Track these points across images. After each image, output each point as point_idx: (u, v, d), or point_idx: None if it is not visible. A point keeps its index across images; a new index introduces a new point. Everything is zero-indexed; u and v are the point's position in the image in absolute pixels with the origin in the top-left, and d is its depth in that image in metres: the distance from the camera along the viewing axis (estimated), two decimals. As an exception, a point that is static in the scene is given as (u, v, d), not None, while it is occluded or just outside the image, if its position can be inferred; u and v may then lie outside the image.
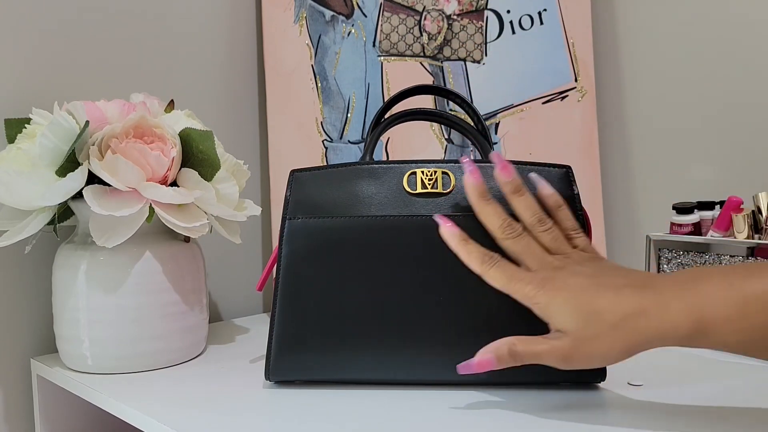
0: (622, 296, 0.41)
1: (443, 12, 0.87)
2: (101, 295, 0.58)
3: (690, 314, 0.39)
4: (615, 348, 0.41)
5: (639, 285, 0.42)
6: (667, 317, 0.40)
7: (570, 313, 0.42)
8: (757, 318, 0.38)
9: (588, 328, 0.41)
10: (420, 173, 0.53)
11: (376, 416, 0.47)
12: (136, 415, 0.50)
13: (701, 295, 0.39)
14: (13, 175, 0.55)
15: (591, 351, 0.42)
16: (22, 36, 0.66)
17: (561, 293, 0.42)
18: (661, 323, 0.40)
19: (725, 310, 0.38)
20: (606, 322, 0.41)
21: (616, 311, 0.41)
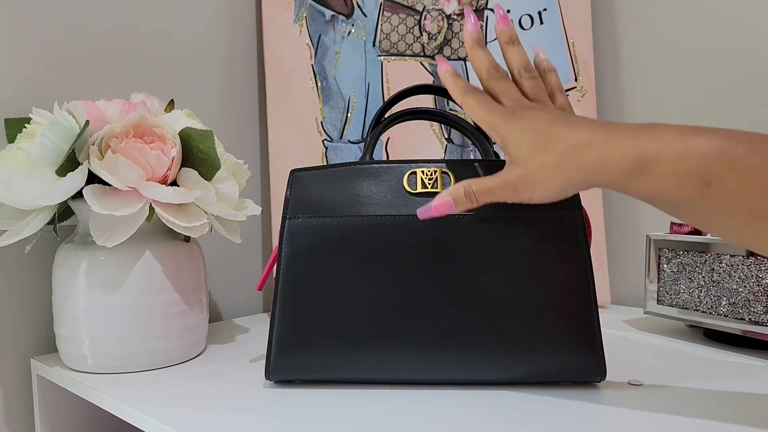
0: (576, 129, 0.42)
1: (443, 12, 0.87)
2: (101, 295, 0.58)
3: (635, 148, 0.40)
4: (557, 178, 0.43)
5: (597, 124, 0.43)
6: (613, 149, 0.41)
7: (524, 141, 0.44)
8: (694, 164, 0.38)
9: (537, 156, 0.43)
10: (420, 173, 0.53)
11: (376, 416, 0.47)
12: (135, 415, 0.50)
13: (651, 135, 0.40)
14: (13, 175, 0.55)
15: (536, 180, 0.43)
16: (22, 36, 0.66)
17: (521, 123, 0.44)
18: (606, 154, 0.41)
19: (669, 150, 0.39)
20: (555, 151, 0.42)
21: (567, 140, 0.42)
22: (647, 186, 0.40)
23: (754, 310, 0.60)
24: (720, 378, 0.54)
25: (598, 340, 0.50)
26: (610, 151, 0.41)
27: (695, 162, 0.38)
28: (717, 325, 0.63)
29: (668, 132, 0.40)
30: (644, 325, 0.75)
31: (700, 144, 0.39)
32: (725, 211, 0.38)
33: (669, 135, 0.40)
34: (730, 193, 0.38)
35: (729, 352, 0.62)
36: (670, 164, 0.39)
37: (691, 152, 0.39)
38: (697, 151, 0.39)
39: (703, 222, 0.41)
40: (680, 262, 0.67)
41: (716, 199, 0.38)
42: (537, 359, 0.50)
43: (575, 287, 0.51)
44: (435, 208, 0.47)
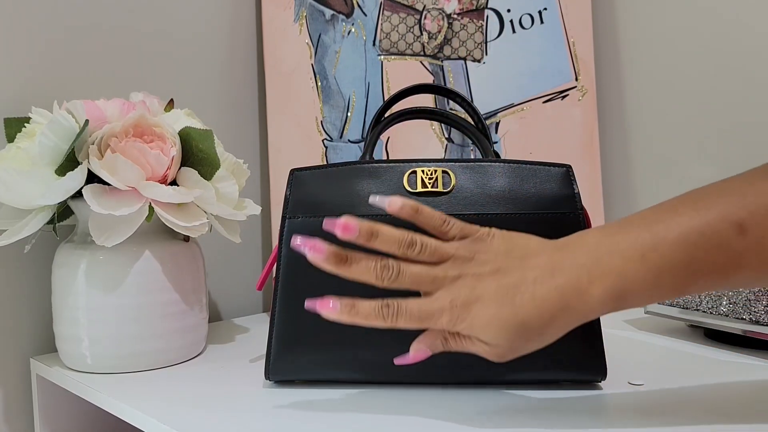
0: (540, 301, 0.40)
1: (443, 11, 0.86)
2: (101, 295, 0.58)
3: (610, 297, 0.40)
4: (547, 341, 0.42)
5: (549, 274, 0.41)
6: (590, 306, 0.40)
7: (496, 331, 0.41)
8: (668, 280, 0.40)
9: (517, 340, 0.41)
10: (420, 172, 0.53)
11: (376, 416, 0.46)
12: (135, 415, 0.50)
13: (619, 276, 0.40)
14: (13, 174, 0.55)
15: (525, 349, 0.43)
16: (21, 35, 0.66)
17: (477, 313, 0.41)
18: (585, 313, 0.41)
19: (642, 284, 0.40)
20: (534, 328, 0.41)
21: (541, 318, 0.41)
22: (629, 307, 0.41)
23: (755, 310, 0.60)
24: (720, 378, 0.54)
25: (599, 339, 0.50)
26: (587, 310, 0.41)
27: (666, 281, 0.40)
28: (718, 325, 0.63)
29: (629, 262, 0.40)
30: (645, 325, 0.75)
31: (665, 260, 0.40)
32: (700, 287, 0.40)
33: (632, 267, 0.40)
34: (708, 280, 0.40)
35: (730, 352, 0.62)
36: (644, 291, 0.40)
37: (661, 278, 0.40)
38: (666, 277, 0.40)
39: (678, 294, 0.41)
40: (681, 262, 0.67)
41: (692, 288, 0.40)
42: (537, 359, 0.50)
43: (576, 287, 0.51)
44: (412, 359, 0.44)
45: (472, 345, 0.43)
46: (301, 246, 0.43)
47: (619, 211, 0.91)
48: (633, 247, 0.40)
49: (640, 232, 0.40)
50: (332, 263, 0.42)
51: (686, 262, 0.39)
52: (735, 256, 0.39)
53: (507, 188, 0.52)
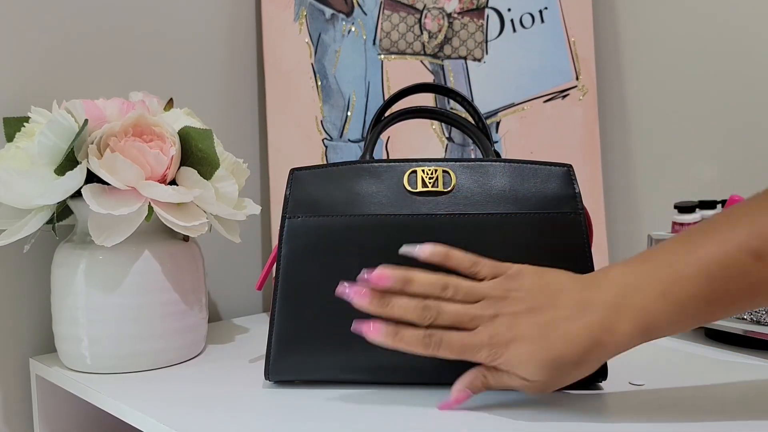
0: (573, 338, 0.43)
1: (444, 10, 0.86)
2: (100, 295, 0.57)
3: (638, 332, 0.42)
4: (584, 373, 0.44)
5: (580, 312, 0.43)
6: (620, 341, 0.43)
7: (533, 368, 0.43)
8: (691, 312, 0.42)
9: (554, 375, 0.43)
10: (420, 172, 0.53)
11: (376, 416, 0.46)
12: (135, 415, 0.49)
13: (644, 312, 0.42)
14: (12, 174, 0.55)
15: (563, 382, 0.45)
16: (21, 35, 0.66)
17: (515, 350, 0.43)
18: (616, 347, 0.43)
19: (666, 318, 0.42)
20: (569, 364, 0.43)
21: (574, 354, 0.43)
22: (658, 337, 0.43)
23: (756, 310, 0.60)
24: (722, 378, 0.54)
25: (600, 340, 0.50)
26: (617, 345, 0.43)
27: (690, 313, 0.42)
28: (718, 325, 0.63)
29: (653, 301, 0.42)
30: (645, 325, 0.75)
31: (686, 294, 0.41)
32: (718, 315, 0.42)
33: (657, 304, 0.42)
34: (717, 317, 0.42)
35: (730, 352, 0.62)
36: (670, 325, 0.43)
37: (685, 310, 0.42)
38: (690, 309, 0.42)
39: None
40: (682, 262, 0.67)
41: (707, 317, 0.42)
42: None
43: (576, 287, 0.50)
44: (455, 401, 0.46)
45: (510, 380, 0.45)
46: (346, 292, 0.46)
47: (620, 210, 0.91)
48: (654, 283, 0.42)
49: (661, 268, 0.42)
50: (375, 306, 0.45)
51: (706, 294, 0.41)
52: (754, 283, 0.40)
53: (508, 188, 0.52)
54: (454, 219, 0.51)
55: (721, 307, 0.42)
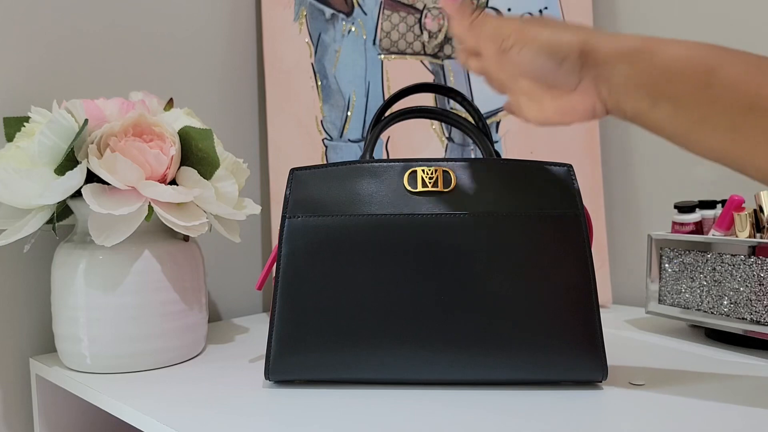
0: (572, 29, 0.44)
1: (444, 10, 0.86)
2: (100, 294, 0.57)
3: (636, 39, 0.42)
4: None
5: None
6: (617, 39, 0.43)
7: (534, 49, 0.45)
8: (697, 52, 0.40)
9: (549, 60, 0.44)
10: (420, 172, 0.53)
11: (376, 416, 0.46)
12: (134, 415, 0.49)
13: (616, 38, 0.43)
14: (12, 174, 0.55)
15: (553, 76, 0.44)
16: (21, 35, 0.66)
17: (530, 44, 0.44)
18: (614, 42, 0.43)
19: (668, 42, 0.41)
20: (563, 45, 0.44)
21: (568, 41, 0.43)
22: (647, 70, 0.40)
23: (756, 310, 0.60)
24: (721, 378, 0.54)
25: (600, 339, 0.50)
26: (615, 40, 0.42)
27: (696, 51, 0.40)
28: (718, 325, 0.63)
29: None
30: (646, 325, 0.75)
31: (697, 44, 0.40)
32: (723, 99, 0.38)
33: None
34: (732, 77, 0.38)
35: (730, 352, 0.62)
36: (671, 48, 0.40)
37: (692, 45, 0.40)
38: (696, 45, 0.40)
39: (698, 124, 0.40)
40: (682, 262, 0.67)
41: (717, 84, 0.39)
42: (538, 359, 0.50)
43: (576, 287, 0.51)
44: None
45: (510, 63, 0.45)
46: None
47: (620, 210, 0.91)
48: (627, 42, 0.42)
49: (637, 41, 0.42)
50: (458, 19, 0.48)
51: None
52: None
53: (508, 187, 0.52)
54: (454, 219, 0.51)
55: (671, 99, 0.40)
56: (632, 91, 0.41)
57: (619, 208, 0.91)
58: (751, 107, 0.38)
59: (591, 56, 0.42)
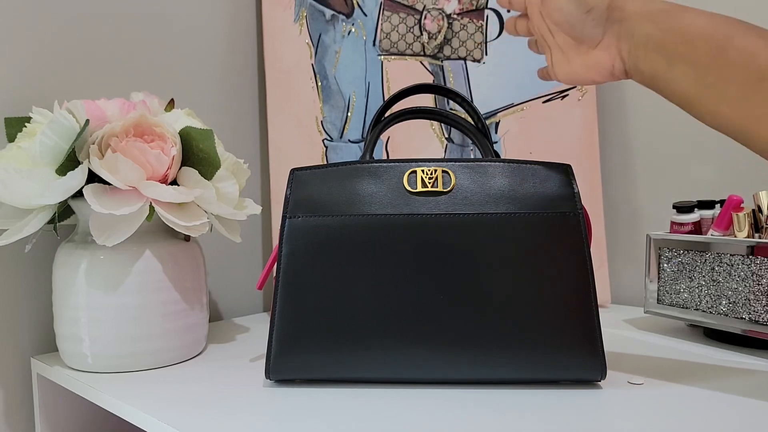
0: None
1: (443, 11, 0.86)
2: (101, 294, 0.58)
3: (659, 2, 0.45)
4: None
5: None
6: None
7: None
8: (714, 20, 0.43)
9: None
10: (420, 172, 0.53)
11: (376, 415, 0.47)
12: (136, 414, 0.50)
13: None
14: (13, 174, 0.55)
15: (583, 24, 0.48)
16: (22, 35, 0.66)
17: None
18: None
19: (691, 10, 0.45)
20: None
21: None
22: (662, 38, 0.43)
23: (754, 310, 0.60)
24: (720, 377, 0.54)
25: (598, 339, 0.50)
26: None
27: (716, 20, 0.42)
28: (717, 325, 0.63)
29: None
30: (644, 325, 0.75)
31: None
32: (736, 66, 0.40)
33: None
34: (748, 48, 0.40)
35: (729, 352, 0.62)
36: (692, 14, 0.43)
37: (712, 14, 0.43)
38: (716, 14, 0.43)
39: (710, 88, 0.42)
40: (680, 262, 0.67)
41: (732, 51, 0.41)
42: (537, 358, 0.50)
43: (575, 286, 0.51)
44: None
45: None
46: None
47: (620, 210, 0.91)
48: (653, 4, 0.45)
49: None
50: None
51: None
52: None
53: (507, 188, 0.52)
54: (453, 219, 0.52)
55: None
56: (652, 49, 0.43)
57: (618, 208, 0.92)
58: (761, 78, 0.39)
59: (617, 11, 0.45)
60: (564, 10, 0.47)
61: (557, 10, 0.47)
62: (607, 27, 0.46)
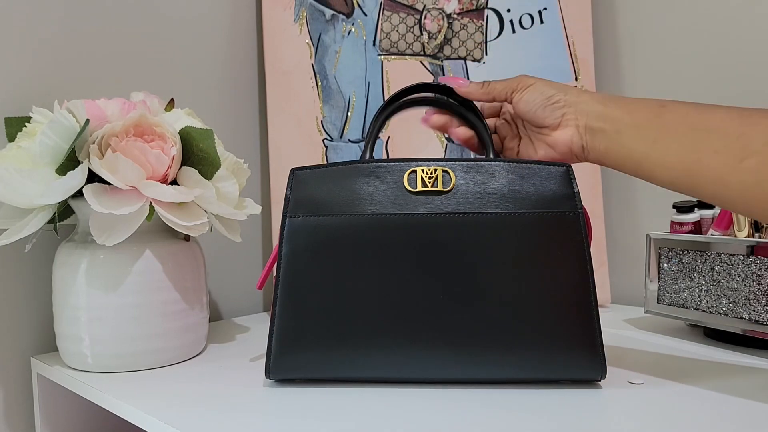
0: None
1: (443, 11, 0.86)
2: (101, 294, 0.58)
3: (603, 94, 0.54)
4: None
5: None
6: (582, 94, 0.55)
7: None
8: (648, 102, 0.51)
9: None
10: (420, 171, 0.53)
11: (376, 415, 0.47)
12: (136, 414, 0.50)
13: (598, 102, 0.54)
14: (14, 174, 0.55)
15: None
16: (22, 35, 0.66)
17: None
18: (579, 95, 0.55)
19: (623, 99, 0.53)
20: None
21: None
22: (610, 112, 0.51)
23: (754, 309, 0.60)
24: (720, 377, 0.54)
25: (599, 339, 0.50)
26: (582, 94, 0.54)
27: (653, 99, 0.51)
28: (717, 324, 0.63)
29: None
30: (644, 324, 0.75)
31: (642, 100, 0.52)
32: (673, 124, 0.48)
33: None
34: (679, 110, 0.48)
35: (729, 351, 0.62)
36: (630, 99, 0.52)
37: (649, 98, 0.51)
38: (644, 100, 0.51)
39: (656, 143, 0.48)
40: (680, 262, 0.67)
41: (666, 114, 0.48)
42: (537, 358, 0.50)
43: (575, 286, 0.51)
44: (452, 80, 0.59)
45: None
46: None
47: (619, 210, 0.91)
48: (598, 94, 0.54)
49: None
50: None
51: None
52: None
53: (507, 187, 0.52)
54: (453, 218, 0.52)
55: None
56: (603, 121, 0.51)
57: (618, 208, 0.92)
58: (693, 128, 0.47)
59: (572, 97, 0.54)
60: (531, 101, 0.55)
61: (525, 102, 0.55)
62: (565, 110, 0.53)
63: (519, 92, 0.56)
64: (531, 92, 0.55)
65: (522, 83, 0.56)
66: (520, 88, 0.56)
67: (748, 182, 0.44)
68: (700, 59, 0.83)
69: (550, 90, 0.54)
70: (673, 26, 0.86)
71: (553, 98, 0.54)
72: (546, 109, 0.54)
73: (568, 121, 0.53)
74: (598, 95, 0.53)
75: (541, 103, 0.54)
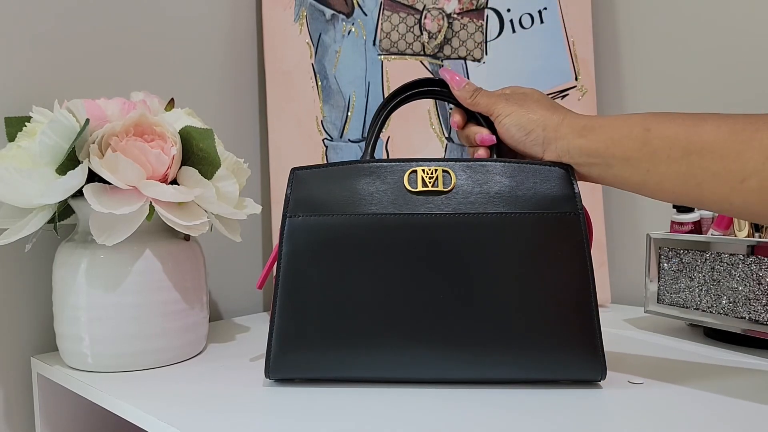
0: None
1: (443, 10, 0.86)
2: (101, 293, 0.58)
3: (583, 119, 0.52)
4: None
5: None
6: (570, 118, 0.53)
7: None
8: (634, 120, 0.50)
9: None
10: (421, 171, 0.53)
11: (376, 414, 0.47)
12: (136, 413, 0.50)
13: (576, 117, 0.53)
14: (14, 173, 0.55)
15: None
16: (22, 34, 0.66)
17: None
18: (566, 118, 0.53)
19: (608, 118, 0.51)
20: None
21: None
22: (593, 146, 0.50)
23: (754, 309, 0.60)
24: (720, 377, 0.54)
25: (599, 339, 0.50)
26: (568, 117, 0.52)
27: (634, 119, 0.49)
28: (717, 324, 0.63)
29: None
30: (644, 324, 0.75)
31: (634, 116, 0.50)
32: (662, 151, 0.47)
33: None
34: (665, 132, 0.47)
35: (729, 351, 0.62)
36: (612, 120, 0.50)
37: (629, 115, 0.50)
38: (632, 114, 0.50)
39: (649, 173, 0.48)
40: (680, 261, 0.67)
41: (654, 140, 0.47)
42: (537, 358, 0.50)
43: (576, 286, 0.51)
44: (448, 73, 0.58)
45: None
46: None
47: (619, 210, 0.91)
48: (578, 122, 0.52)
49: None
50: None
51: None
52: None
53: (507, 187, 0.52)
54: (453, 218, 0.52)
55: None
56: (588, 156, 0.51)
57: (618, 208, 0.92)
58: (686, 152, 0.46)
59: (551, 131, 0.52)
60: (509, 132, 0.54)
61: (504, 132, 0.55)
62: (545, 146, 0.52)
63: (497, 118, 0.55)
64: (509, 124, 0.54)
65: (498, 111, 0.54)
66: (496, 114, 0.55)
67: (752, 201, 0.44)
68: (700, 59, 0.83)
69: (529, 124, 0.53)
70: (673, 26, 0.86)
71: (531, 134, 0.53)
72: (526, 144, 0.53)
73: (551, 154, 0.52)
74: (578, 123, 0.51)
75: (519, 138, 0.53)
